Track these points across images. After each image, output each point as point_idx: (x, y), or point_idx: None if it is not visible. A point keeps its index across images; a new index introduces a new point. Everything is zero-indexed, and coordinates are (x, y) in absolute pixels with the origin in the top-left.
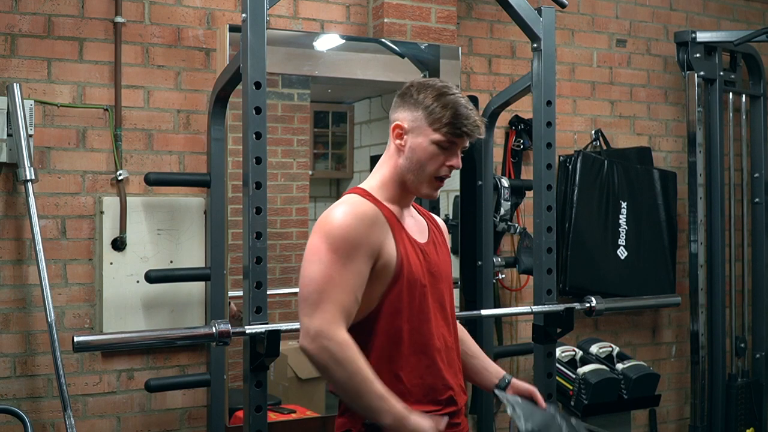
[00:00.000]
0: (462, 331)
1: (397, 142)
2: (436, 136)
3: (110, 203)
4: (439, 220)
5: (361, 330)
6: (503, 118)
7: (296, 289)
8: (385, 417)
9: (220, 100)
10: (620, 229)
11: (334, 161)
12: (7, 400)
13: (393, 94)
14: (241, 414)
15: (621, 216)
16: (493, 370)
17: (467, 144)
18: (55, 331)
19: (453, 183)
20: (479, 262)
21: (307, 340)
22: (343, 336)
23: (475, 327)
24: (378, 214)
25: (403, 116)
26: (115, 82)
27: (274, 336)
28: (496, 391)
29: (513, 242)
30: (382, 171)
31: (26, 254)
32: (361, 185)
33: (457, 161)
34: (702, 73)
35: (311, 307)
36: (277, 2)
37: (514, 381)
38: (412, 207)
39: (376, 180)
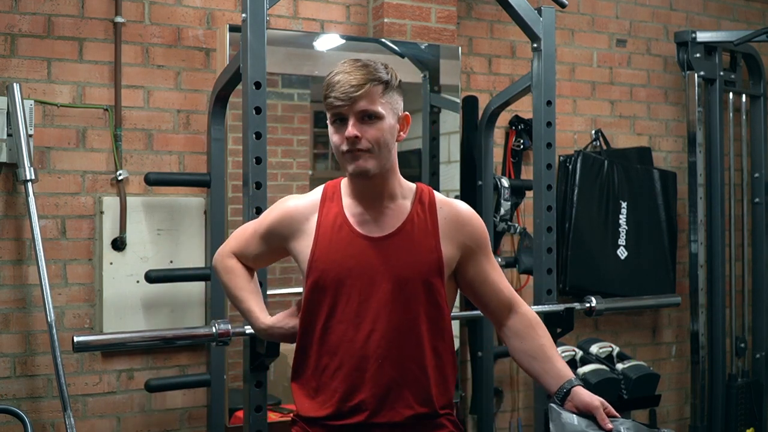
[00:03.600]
0: (527, 326)
1: None
2: (327, 114)
3: (110, 203)
4: (455, 211)
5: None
6: (503, 118)
7: (297, 289)
8: (252, 326)
9: (220, 100)
10: (620, 229)
11: (334, 161)
12: (7, 400)
13: None
14: (241, 414)
15: (621, 216)
16: (555, 374)
17: (359, 108)
18: (55, 331)
19: (453, 183)
20: None
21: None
22: (229, 261)
23: (475, 327)
24: (294, 211)
25: None
26: (115, 82)
27: None
28: (550, 404)
29: (513, 242)
30: None
31: (26, 254)
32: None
33: (350, 130)
34: (702, 73)
35: (226, 241)
36: (277, 2)
37: (576, 391)
38: (394, 195)
39: None
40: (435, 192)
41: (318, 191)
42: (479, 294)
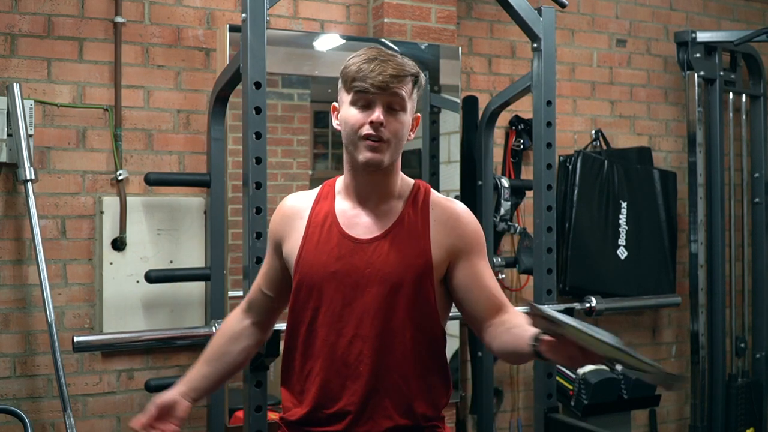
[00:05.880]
0: (512, 316)
1: (335, 123)
2: (348, 97)
3: (110, 203)
4: (448, 212)
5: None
6: (503, 118)
7: None
8: None
9: (220, 100)
10: (620, 229)
11: (334, 161)
12: (7, 400)
13: None
14: (241, 414)
15: (621, 216)
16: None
17: (392, 98)
18: (55, 331)
19: (453, 183)
20: None
21: None
22: (228, 318)
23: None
24: (289, 209)
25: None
26: (115, 82)
27: (274, 336)
28: (535, 307)
29: (513, 242)
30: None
31: (26, 254)
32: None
33: (376, 116)
34: (702, 73)
35: None
36: (277, 2)
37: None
38: (390, 195)
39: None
40: (433, 191)
41: (316, 189)
42: (465, 299)
